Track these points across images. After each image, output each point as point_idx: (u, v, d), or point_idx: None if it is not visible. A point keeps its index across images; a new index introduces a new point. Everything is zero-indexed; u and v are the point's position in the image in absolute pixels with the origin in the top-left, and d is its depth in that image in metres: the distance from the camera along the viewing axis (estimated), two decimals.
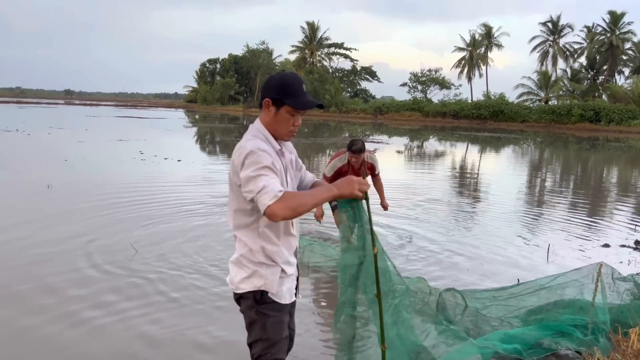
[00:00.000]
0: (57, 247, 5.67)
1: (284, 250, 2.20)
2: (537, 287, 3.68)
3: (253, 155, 2.02)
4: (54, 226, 6.53)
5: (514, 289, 3.90)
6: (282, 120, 2.16)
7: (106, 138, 20.68)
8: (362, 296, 2.56)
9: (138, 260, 5.31)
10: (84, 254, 5.43)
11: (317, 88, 65.49)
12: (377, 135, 32.79)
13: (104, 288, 4.56)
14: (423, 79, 66.44)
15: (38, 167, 11.96)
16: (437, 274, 5.29)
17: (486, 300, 3.99)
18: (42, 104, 74.68)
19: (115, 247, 5.71)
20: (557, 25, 63.43)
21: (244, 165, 2.03)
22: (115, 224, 6.74)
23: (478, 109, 54.69)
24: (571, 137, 35.96)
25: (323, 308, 4.39)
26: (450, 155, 21.65)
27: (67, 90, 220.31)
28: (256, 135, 2.16)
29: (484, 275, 5.34)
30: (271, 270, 2.17)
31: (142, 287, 4.63)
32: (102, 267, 5.09)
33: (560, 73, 62.58)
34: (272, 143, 2.17)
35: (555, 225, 7.86)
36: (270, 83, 2.17)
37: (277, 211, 1.93)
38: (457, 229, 7.34)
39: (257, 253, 2.16)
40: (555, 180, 14.81)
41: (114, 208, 7.64)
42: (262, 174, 1.99)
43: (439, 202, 9.48)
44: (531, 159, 21.34)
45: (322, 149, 20.83)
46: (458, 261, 5.78)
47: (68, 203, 7.96)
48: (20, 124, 26.26)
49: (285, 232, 2.22)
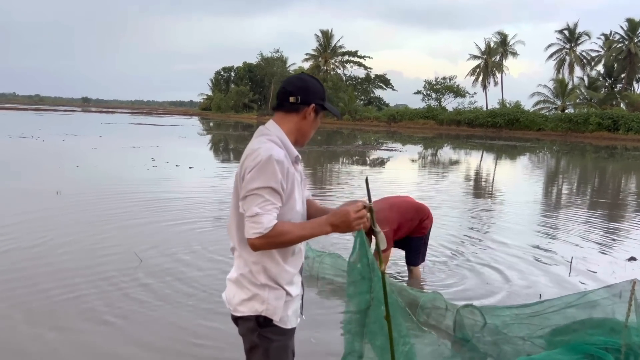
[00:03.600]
0: (58, 251, 5.53)
1: (289, 270, 1.98)
2: (563, 305, 3.41)
3: (268, 166, 1.82)
4: (58, 230, 6.39)
5: (537, 307, 3.64)
6: (315, 127, 2.07)
7: (119, 145, 20.69)
8: (369, 344, 2.32)
9: (143, 270, 5.14)
10: (87, 259, 5.28)
11: (331, 96, 65.42)
12: (391, 143, 32.51)
13: (99, 303, 4.39)
14: (437, 87, 66.01)
15: (49, 173, 11.92)
16: (453, 288, 5.05)
17: (507, 317, 3.74)
18: (59, 111, 75.56)
19: (121, 255, 5.55)
20: (573, 33, 62.75)
21: (253, 172, 1.83)
22: (120, 231, 6.60)
23: (493, 117, 54.18)
24: (588, 146, 35.34)
25: (330, 328, 4.14)
26: (465, 163, 21.31)
27: (85, 98, 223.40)
28: (272, 139, 1.95)
29: (503, 289, 5.08)
30: (274, 294, 1.94)
31: (143, 298, 4.45)
32: (105, 274, 4.92)
33: (577, 81, 61.86)
34: (289, 150, 1.97)
35: (575, 237, 7.55)
36: (311, 87, 2.00)
37: (260, 246, 1.85)
38: (473, 240, 7.07)
39: (258, 274, 1.93)
40: (573, 189, 14.43)
41: (118, 215, 7.52)
42: (264, 196, 1.82)
43: (453, 211, 9.20)
44: (548, 167, 20.92)
45: (335, 157, 20.63)
46: (475, 274, 5.52)
47: (75, 210, 7.84)
48: (37, 131, 26.46)
49: (294, 251, 2.01)
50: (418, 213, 5.02)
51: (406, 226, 4.97)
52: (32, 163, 13.97)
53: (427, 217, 5.10)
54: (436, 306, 4.13)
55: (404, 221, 4.91)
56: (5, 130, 26.45)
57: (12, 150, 17.46)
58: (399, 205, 4.98)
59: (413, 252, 5.13)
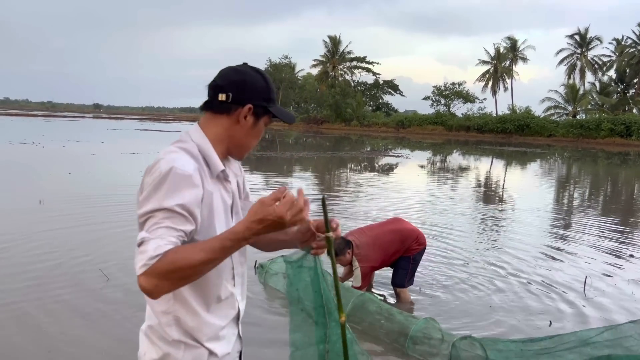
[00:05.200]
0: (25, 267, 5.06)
1: (212, 322, 1.46)
2: (578, 341, 2.88)
3: (166, 180, 1.30)
4: (28, 244, 5.93)
5: (547, 342, 3.10)
6: (256, 134, 1.53)
7: (119, 151, 20.32)
8: None
9: (108, 289, 4.65)
10: (54, 275, 4.80)
11: (339, 101, 65.02)
12: (399, 149, 31.95)
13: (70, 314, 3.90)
14: (446, 93, 65.33)
15: (38, 180, 11.51)
16: (450, 313, 4.49)
17: (511, 353, 3.20)
18: (68, 117, 75.81)
19: (85, 272, 5.07)
20: (585, 38, 61.88)
21: (148, 190, 1.31)
22: (92, 244, 6.13)
23: (503, 123, 53.46)
24: (601, 152, 34.53)
25: None
26: (474, 170, 20.69)
27: (96, 104, 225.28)
28: (185, 147, 1.43)
29: (509, 313, 4.51)
30: (192, 354, 1.43)
31: (110, 317, 3.96)
32: (69, 293, 4.43)
33: (589, 86, 60.96)
34: (211, 162, 1.44)
35: (590, 250, 6.97)
36: (249, 82, 1.46)
37: (150, 287, 1.23)
38: (478, 255, 6.50)
39: (169, 328, 1.42)
40: (585, 198, 13.79)
41: (97, 225, 7.05)
42: (157, 218, 1.27)
43: (456, 222, 8.64)
44: (559, 174, 20.24)
45: (343, 163, 20.13)
46: (477, 295, 4.96)
47: (54, 220, 7.38)
48: (40, 137, 26.22)
49: (219, 296, 1.47)
50: (404, 243, 4.57)
51: (389, 261, 4.59)
52: (24, 170, 13.58)
53: (416, 242, 4.60)
54: (429, 336, 3.59)
55: (386, 257, 4.54)
56: (8, 136, 26.24)
57: (5, 157, 17.13)
58: (383, 238, 4.51)
59: (400, 271, 4.62)
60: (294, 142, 36.89)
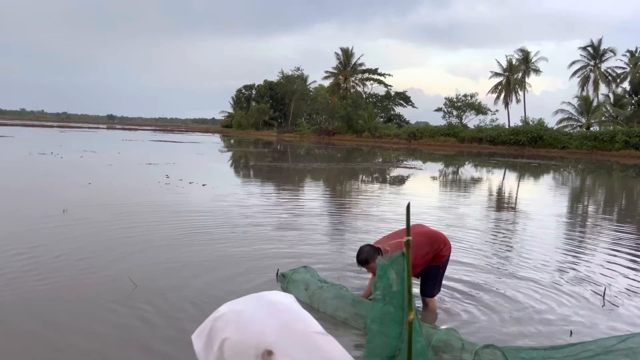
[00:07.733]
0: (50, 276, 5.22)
1: None
2: (600, 349, 2.95)
3: None
4: (55, 251, 6.10)
5: (569, 349, 3.17)
6: None
7: (136, 162, 20.63)
8: None
9: (137, 297, 4.79)
10: (78, 284, 4.96)
11: (351, 113, 65.27)
12: (411, 160, 32.00)
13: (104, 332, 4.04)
14: (458, 104, 65.30)
15: (60, 190, 11.76)
16: (470, 323, 4.56)
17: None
18: (83, 128, 76.82)
19: (114, 280, 5.22)
20: (598, 50, 61.66)
21: None
22: (116, 251, 6.28)
23: (516, 135, 53.27)
24: (615, 164, 34.28)
25: None
26: (487, 181, 20.69)
27: (110, 115, 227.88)
28: None
29: (529, 323, 4.57)
30: None
31: (136, 328, 4.10)
32: (99, 302, 4.58)
33: (602, 98, 60.53)
34: None
35: (607, 262, 6.99)
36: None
37: None
38: (493, 265, 6.56)
39: None
40: (600, 210, 13.75)
41: (123, 231, 7.23)
42: None
43: (473, 234, 8.70)
44: (573, 186, 20.17)
45: (354, 174, 20.25)
46: (497, 305, 5.02)
47: (78, 229, 7.57)
48: (57, 148, 26.68)
49: None
50: (432, 246, 4.54)
51: (420, 264, 4.50)
52: (45, 180, 13.87)
53: (445, 245, 4.64)
54: (450, 345, 3.67)
55: (418, 257, 4.39)
56: (27, 147, 26.72)
57: (27, 167, 17.49)
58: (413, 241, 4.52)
59: (430, 281, 4.66)
60: (305, 153, 37.10)
